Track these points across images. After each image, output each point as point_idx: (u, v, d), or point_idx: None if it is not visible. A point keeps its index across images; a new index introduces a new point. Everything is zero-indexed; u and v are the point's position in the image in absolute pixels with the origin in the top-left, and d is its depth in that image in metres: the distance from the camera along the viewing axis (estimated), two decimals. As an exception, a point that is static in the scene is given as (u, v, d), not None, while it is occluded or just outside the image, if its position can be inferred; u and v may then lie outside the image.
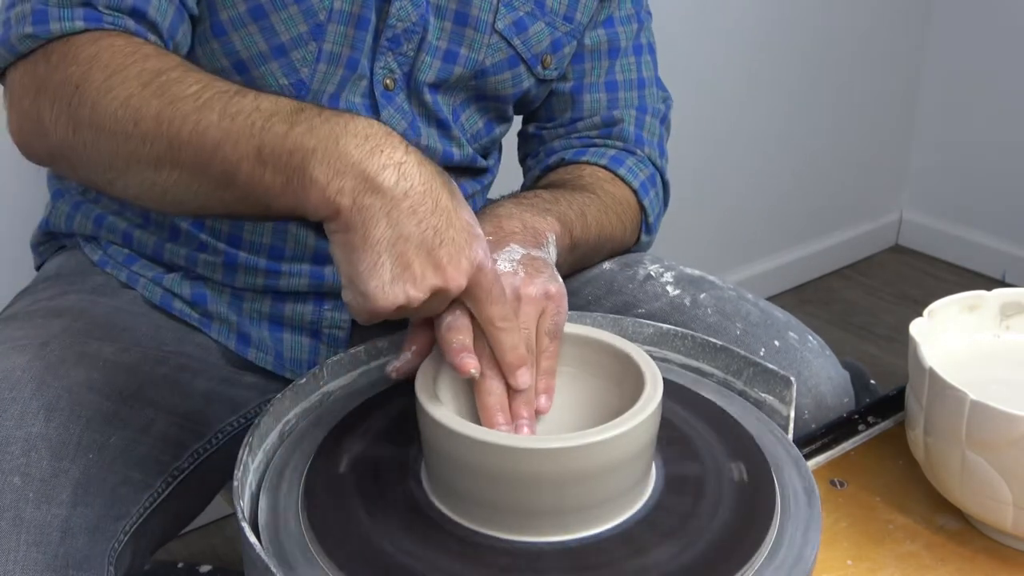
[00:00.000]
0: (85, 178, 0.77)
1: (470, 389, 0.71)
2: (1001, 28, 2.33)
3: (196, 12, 0.84)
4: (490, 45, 0.92)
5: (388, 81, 0.89)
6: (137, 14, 0.77)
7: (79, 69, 0.72)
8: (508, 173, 1.10)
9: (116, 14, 0.76)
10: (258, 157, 0.64)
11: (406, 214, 0.62)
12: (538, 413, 0.70)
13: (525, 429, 0.68)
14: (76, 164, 0.75)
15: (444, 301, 0.66)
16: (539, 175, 1.02)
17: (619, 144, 1.01)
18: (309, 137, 0.63)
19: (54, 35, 0.74)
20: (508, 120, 1.02)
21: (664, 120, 1.05)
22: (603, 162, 0.99)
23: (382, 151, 0.63)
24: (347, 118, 0.64)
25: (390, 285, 0.62)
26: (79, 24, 0.74)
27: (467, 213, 0.66)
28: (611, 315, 0.86)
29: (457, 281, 0.64)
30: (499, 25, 0.92)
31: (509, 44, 0.93)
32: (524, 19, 0.93)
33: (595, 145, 1.01)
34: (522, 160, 1.08)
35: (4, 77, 0.79)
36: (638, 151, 1.01)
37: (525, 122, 1.07)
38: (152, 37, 0.78)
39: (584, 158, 1.00)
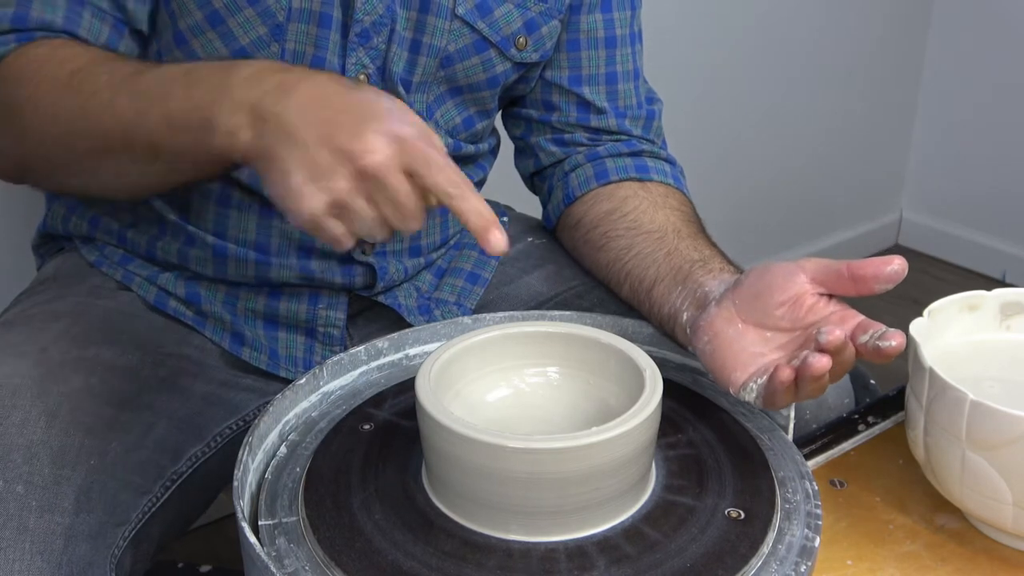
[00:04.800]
0: (53, 184, 0.84)
1: (471, 388, 0.72)
2: (1001, 28, 2.33)
3: (144, 28, 0.86)
4: (452, 31, 0.90)
5: (362, 76, 0.88)
6: (68, 35, 0.82)
7: (9, 89, 0.77)
8: (507, 174, 1.10)
9: (48, 33, 0.81)
10: (167, 123, 0.69)
11: (296, 123, 0.63)
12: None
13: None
14: (39, 175, 0.82)
15: (385, 183, 0.63)
16: (564, 197, 1.00)
17: (623, 137, 1.01)
18: (204, 92, 0.67)
19: None
20: (490, 114, 1.00)
21: (659, 112, 1.04)
22: (632, 174, 0.98)
23: (262, 79, 0.66)
24: (233, 63, 0.69)
25: (306, 186, 0.62)
26: (12, 47, 0.79)
27: (372, 96, 0.65)
28: (611, 315, 0.86)
29: (369, 153, 0.62)
30: (459, 10, 0.90)
31: (473, 28, 0.91)
32: (488, 2, 0.91)
33: (613, 155, 0.99)
34: (517, 139, 1.06)
35: None
36: (645, 147, 1.01)
37: (519, 106, 1.04)
38: None
39: (613, 177, 0.98)
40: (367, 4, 0.86)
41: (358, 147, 0.62)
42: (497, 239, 0.64)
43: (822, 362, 0.65)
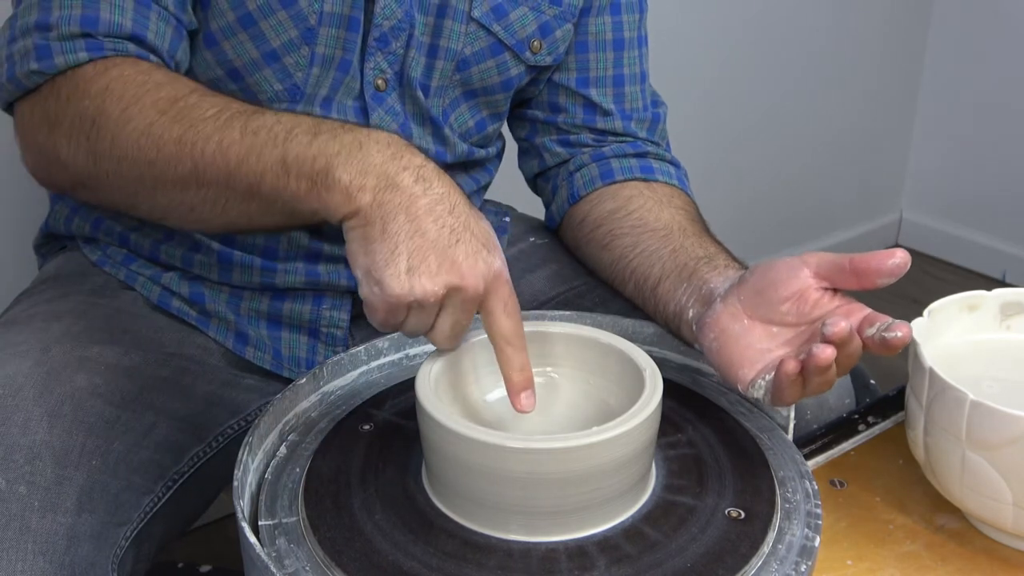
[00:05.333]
0: (107, 202, 0.80)
1: (471, 388, 0.72)
2: (1001, 28, 2.33)
3: (195, 26, 0.84)
4: (468, 34, 0.91)
5: (380, 81, 0.89)
6: (136, 39, 0.78)
7: (92, 103, 0.74)
8: (510, 176, 1.10)
9: (117, 41, 0.77)
10: (282, 166, 0.67)
11: (423, 211, 0.64)
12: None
13: None
14: (98, 192, 0.78)
15: (462, 307, 0.66)
16: (568, 196, 1.01)
17: (628, 139, 1.01)
18: (332, 144, 0.66)
19: (59, 69, 0.76)
20: (501, 117, 1.01)
21: (664, 115, 1.05)
22: (638, 174, 0.98)
23: (402, 156, 0.66)
24: (369, 129, 0.68)
25: (406, 275, 0.63)
26: (83, 56, 0.76)
27: (485, 223, 0.68)
28: (611, 315, 0.86)
29: (473, 281, 0.65)
30: (475, 13, 0.90)
31: (489, 31, 0.92)
32: (503, 5, 0.92)
33: (619, 156, 0.99)
34: (521, 140, 1.06)
35: (12, 109, 0.81)
36: (650, 148, 1.01)
37: (524, 107, 1.04)
38: (154, 59, 0.79)
39: (618, 177, 0.98)
40: (386, 9, 0.86)
41: (467, 269, 0.65)
42: (529, 402, 0.68)
43: (827, 353, 0.65)
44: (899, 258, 0.67)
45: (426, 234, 0.64)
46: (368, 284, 0.65)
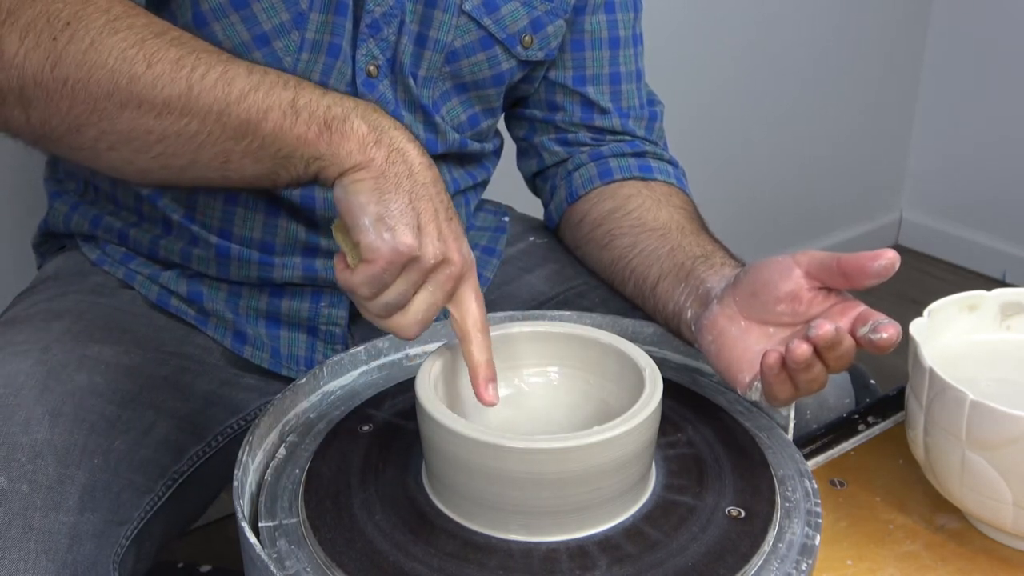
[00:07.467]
0: (42, 119, 0.69)
1: (471, 389, 0.71)
2: (1001, 28, 2.33)
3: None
4: (458, 26, 0.91)
5: (371, 68, 0.89)
6: None
7: (69, 8, 0.68)
8: (509, 175, 1.10)
9: None
10: (292, 106, 0.66)
11: (420, 187, 0.66)
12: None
13: None
14: (37, 104, 0.68)
15: (444, 284, 0.67)
16: (567, 196, 1.01)
17: (627, 138, 1.01)
18: (345, 100, 0.67)
19: None
20: (495, 113, 1.01)
21: (661, 114, 1.05)
22: (636, 173, 0.99)
23: (407, 131, 0.68)
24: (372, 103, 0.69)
25: (417, 230, 0.65)
26: None
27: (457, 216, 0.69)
28: (611, 315, 0.86)
29: (461, 260, 0.67)
30: (466, 6, 0.90)
31: (479, 25, 0.91)
32: None
33: (617, 155, 1.00)
34: (520, 139, 1.07)
35: None
36: (648, 147, 1.01)
37: (522, 107, 1.05)
38: None
39: (617, 176, 0.98)
40: None
41: (458, 247, 0.67)
42: (492, 395, 0.68)
43: (802, 348, 0.66)
44: (886, 259, 0.67)
45: (431, 203, 0.66)
46: (379, 231, 0.64)
